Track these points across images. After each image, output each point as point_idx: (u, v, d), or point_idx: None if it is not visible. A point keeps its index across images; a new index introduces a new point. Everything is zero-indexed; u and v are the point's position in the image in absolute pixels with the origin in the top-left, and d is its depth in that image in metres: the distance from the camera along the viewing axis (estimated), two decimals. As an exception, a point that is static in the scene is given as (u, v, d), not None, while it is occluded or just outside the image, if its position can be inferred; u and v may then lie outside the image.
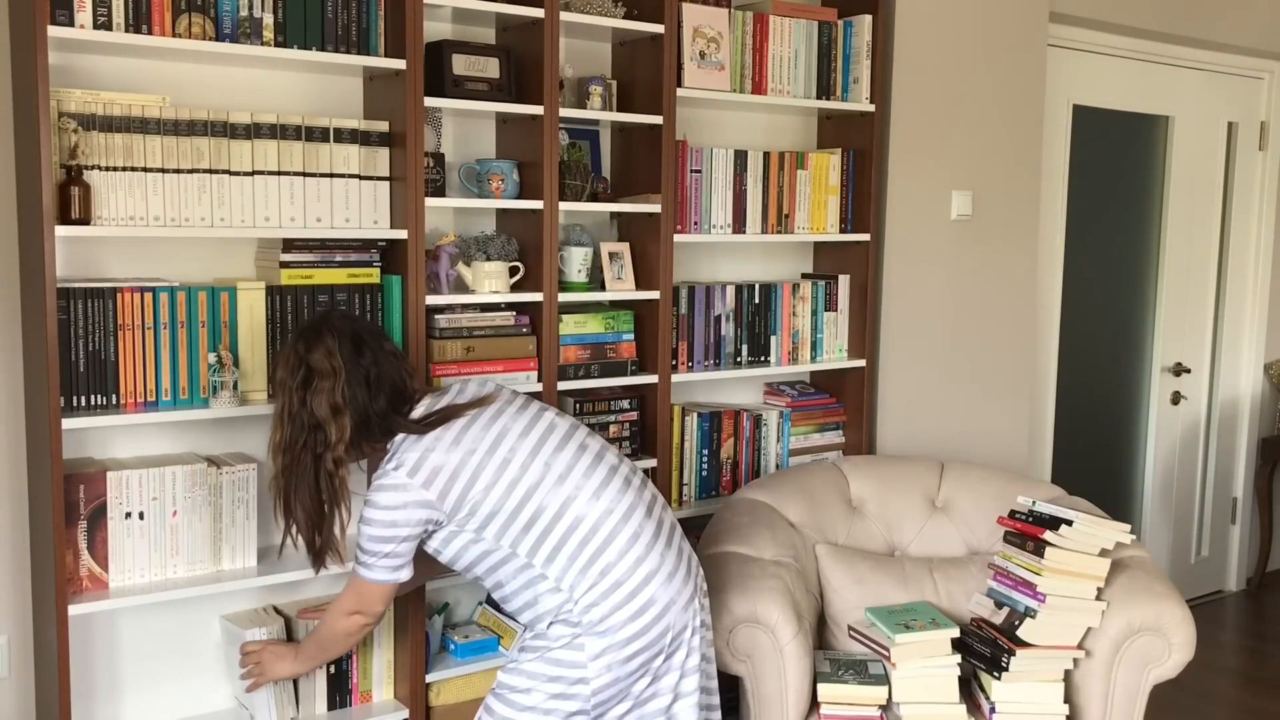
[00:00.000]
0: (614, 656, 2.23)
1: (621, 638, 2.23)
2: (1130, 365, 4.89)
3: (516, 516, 2.24)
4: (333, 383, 2.26)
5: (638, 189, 3.17)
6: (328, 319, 2.36)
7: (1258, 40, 4.83)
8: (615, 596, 2.23)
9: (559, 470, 2.28)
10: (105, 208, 2.44)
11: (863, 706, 2.67)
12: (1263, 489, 5.15)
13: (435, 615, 2.98)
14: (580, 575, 2.24)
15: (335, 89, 2.83)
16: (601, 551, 2.24)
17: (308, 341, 2.30)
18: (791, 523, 3.05)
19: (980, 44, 3.82)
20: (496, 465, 2.25)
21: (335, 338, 2.30)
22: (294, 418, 2.27)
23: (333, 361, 2.27)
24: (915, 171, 3.71)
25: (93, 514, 2.47)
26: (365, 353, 2.31)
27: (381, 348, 2.35)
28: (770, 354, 3.46)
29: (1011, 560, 2.79)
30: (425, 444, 2.25)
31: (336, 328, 2.32)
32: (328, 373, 2.26)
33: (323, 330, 2.31)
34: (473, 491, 2.24)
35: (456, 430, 2.28)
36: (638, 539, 2.27)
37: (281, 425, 2.29)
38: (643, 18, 3.07)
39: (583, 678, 2.23)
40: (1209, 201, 4.95)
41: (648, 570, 2.26)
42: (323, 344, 2.29)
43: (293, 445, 2.28)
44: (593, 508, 2.27)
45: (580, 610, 2.24)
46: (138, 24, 2.42)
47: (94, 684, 2.66)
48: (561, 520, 2.25)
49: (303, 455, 2.28)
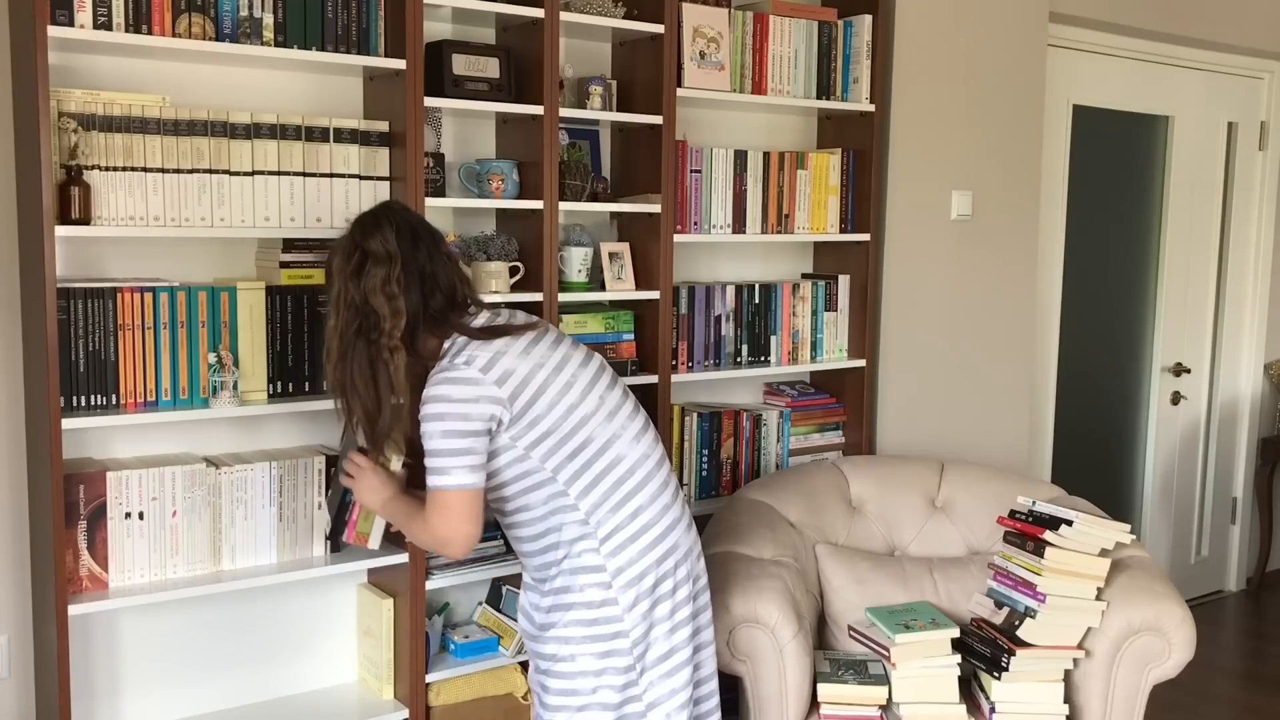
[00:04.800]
0: (645, 604, 2.27)
1: (649, 584, 2.27)
2: (1130, 365, 4.89)
3: (567, 441, 2.25)
4: (388, 269, 2.21)
5: (638, 189, 3.17)
6: (388, 209, 2.32)
7: (1258, 40, 4.82)
8: (643, 540, 2.27)
9: (610, 406, 2.31)
10: (105, 208, 2.44)
11: (863, 706, 2.67)
12: (1263, 489, 5.14)
13: (435, 615, 2.98)
14: (610, 513, 2.27)
15: (335, 89, 2.83)
16: (634, 493, 2.29)
17: (364, 228, 2.27)
18: (791, 523, 3.05)
19: (980, 44, 3.82)
20: (560, 386, 2.25)
21: (393, 227, 2.26)
22: (349, 303, 2.23)
23: (388, 248, 2.23)
24: (915, 171, 3.71)
25: (93, 514, 2.47)
26: (421, 247, 2.27)
27: (438, 247, 2.31)
28: (770, 354, 3.46)
29: (1011, 560, 2.79)
30: (496, 347, 2.23)
31: (396, 218, 2.28)
32: (383, 258, 2.22)
33: (381, 219, 2.27)
34: (537, 404, 2.23)
35: (525, 342, 2.26)
36: (666, 488, 2.34)
37: (337, 312, 2.26)
38: (643, 18, 3.07)
39: (620, 631, 2.26)
40: (1209, 201, 4.95)
41: (673, 518, 2.33)
42: (380, 232, 2.24)
43: (347, 331, 2.24)
44: (633, 450, 2.31)
45: (605, 551, 2.25)
46: (138, 24, 2.42)
47: (94, 684, 2.66)
48: (604, 455, 2.27)
49: (357, 342, 2.23)
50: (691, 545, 2.37)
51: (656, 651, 2.29)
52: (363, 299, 2.22)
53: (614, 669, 2.26)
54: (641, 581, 2.27)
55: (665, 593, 2.30)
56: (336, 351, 2.26)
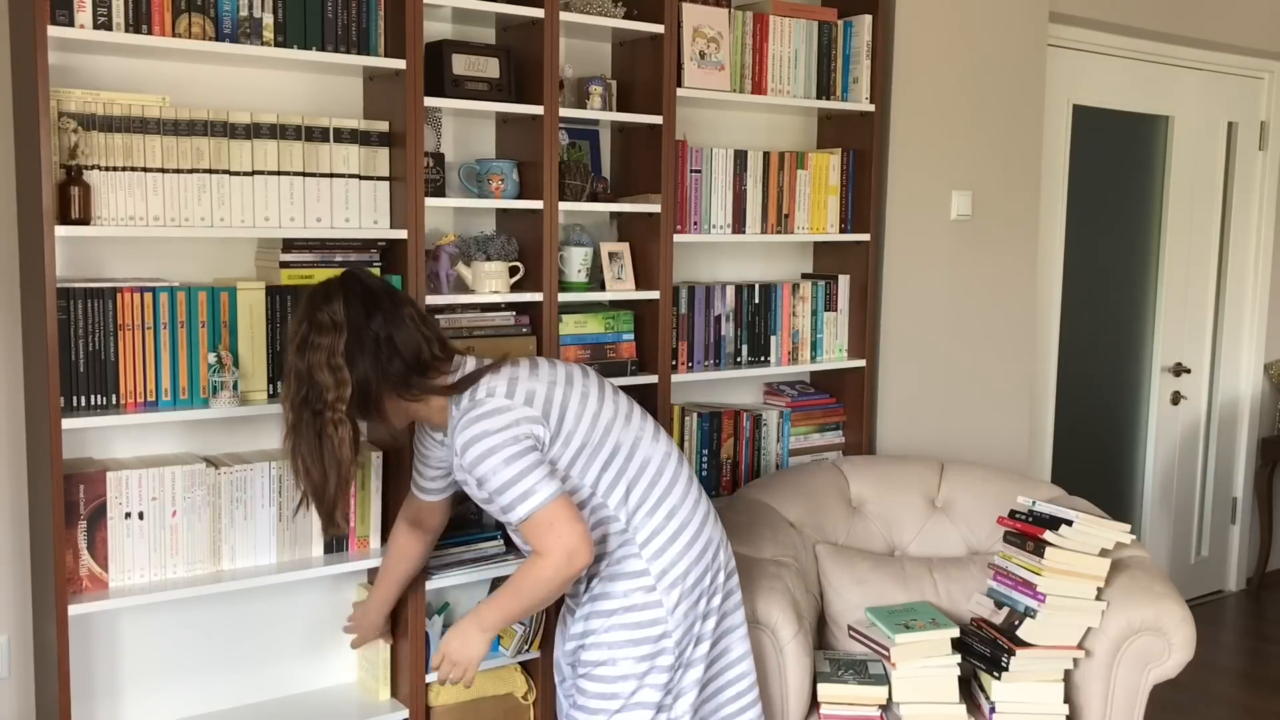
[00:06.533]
0: (687, 603, 2.30)
1: (691, 582, 2.30)
2: (1130, 365, 4.89)
3: (599, 452, 2.26)
4: (333, 340, 2.20)
5: (638, 189, 3.17)
6: (344, 278, 2.30)
7: (1258, 40, 4.82)
8: (681, 540, 2.30)
9: (623, 410, 2.33)
10: (105, 208, 2.44)
11: (863, 706, 2.68)
12: (1263, 489, 5.15)
13: (435, 615, 2.98)
14: (647, 517, 2.29)
15: (335, 89, 2.82)
16: (667, 494, 2.31)
17: (314, 300, 2.26)
18: (791, 523, 3.05)
19: (980, 44, 3.82)
20: (579, 397, 2.26)
21: (342, 298, 2.24)
22: (297, 374, 2.23)
23: (334, 319, 2.21)
24: (915, 171, 3.71)
25: (93, 514, 2.47)
26: (377, 315, 2.24)
27: (398, 310, 2.27)
28: (770, 354, 3.46)
29: (1011, 560, 2.79)
30: (507, 373, 2.24)
31: (348, 287, 2.27)
32: (328, 328, 2.21)
33: (332, 291, 2.26)
34: (567, 419, 2.24)
35: (527, 366, 2.27)
36: (691, 482, 2.37)
37: (287, 382, 2.27)
38: (643, 18, 3.06)
39: (665, 632, 2.28)
40: (1209, 201, 4.95)
41: (703, 512, 2.37)
42: (328, 304, 2.24)
43: (295, 400, 2.24)
44: (655, 450, 2.33)
45: (648, 555, 2.27)
46: (138, 24, 2.42)
47: (94, 684, 2.66)
48: (634, 460, 2.29)
49: (302, 412, 2.23)
50: (721, 536, 2.41)
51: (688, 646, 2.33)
52: (307, 370, 2.21)
53: (659, 668, 2.29)
54: (685, 581, 2.30)
55: (705, 589, 2.34)
56: (289, 422, 2.26)
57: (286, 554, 2.69)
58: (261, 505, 2.65)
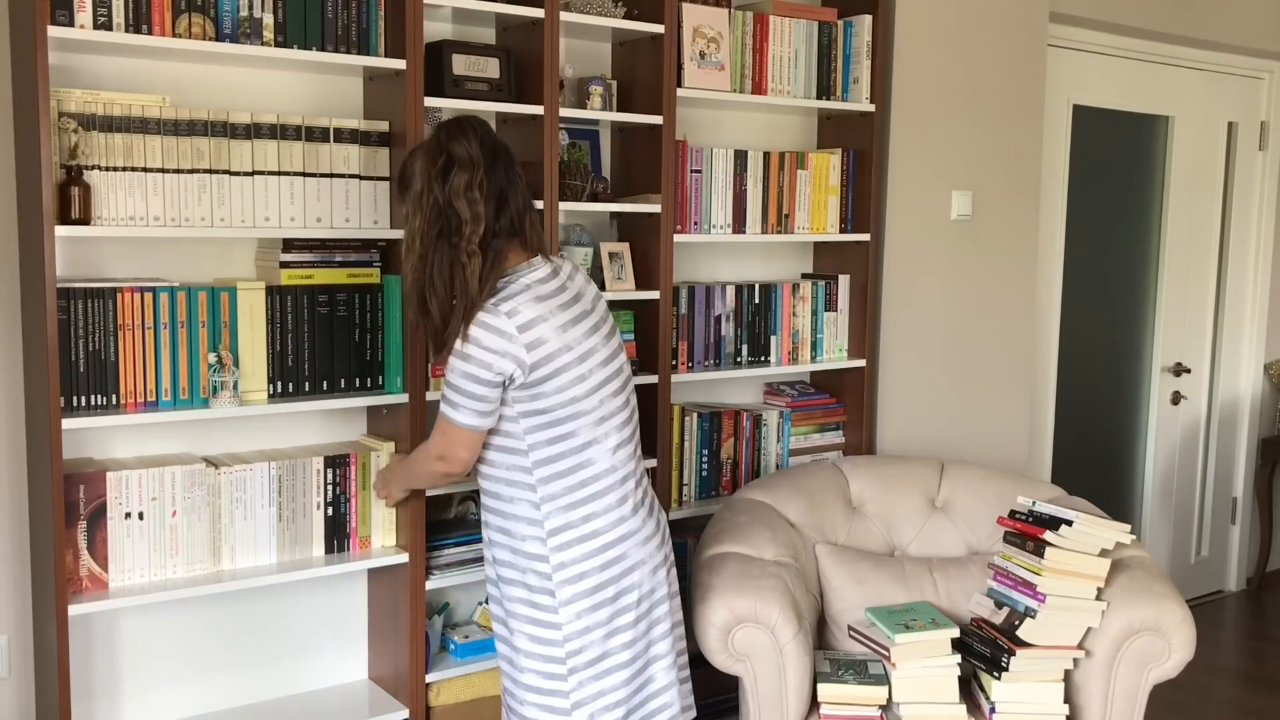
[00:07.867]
0: (582, 604, 2.30)
1: (589, 585, 2.31)
2: (1130, 365, 4.89)
3: (554, 427, 2.29)
4: (470, 175, 2.26)
5: (638, 189, 3.17)
6: (472, 119, 2.35)
7: (1258, 40, 4.82)
8: (591, 544, 2.31)
9: (605, 412, 2.34)
10: (105, 208, 2.44)
11: (863, 706, 2.67)
12: (1263, 489, 5.15)
13: (435, 615, 2.98)
14: (563, 512, 2.31)
15: (335, 89, 2.83)
16: (590, 500, 2.32)
17: (450, 133, 2.31)
18: (791, 523, 3.05)
19: (980, 44, 3.82)
20: (574, 377, 2.28)
21: (477, 136, 2.30)
22: (434, 205, 2.26)
23: (472, 154, 2.27)
24: (915, 171, 3.71)
25: (93, 514, 2.47)
26: (499, 166, 2.31)
27: (514, 168, 2.35)
28: (770, 354, 3.46)
29: (1011, 560, 2.79)
30: (540, 311, 2.26)
31: (480, 128, 2.33)
32: (467, 164, 2.26)
33: (466, 126, 2.32)
34: (548, 384, 2.26)
35: (566, 319, 2.29)
36: (625, 502, 2.36)
37: (420, 212, 2.28)
38: (643, 18, 3.07)
39: (555, 622, 2.31)
40: (1209, 201, 4.95)
41: (627, 530, 2.35)
42: (465, 138, 2.29)
43: (429, 233, 2.27)
44: (605, 460, 2.34)
45: (552, 545, 2.30)
46: (138, 24, 2.42)
47: (94, 684, 2.66)
48: (578, 455, 2.31)
49: (439, 244, 2.26)
50: (646, 559, 2.38)
51: (588, 655, 2.32)
52: (446, 201, 2.26)
53: (541, 656, 2.32)
54: (580, 582, 2.31)
55: (606, 599, 2.33)
56: (418, 252, 2.28)
57: (286, 554, 2.69)
58: (261, 505, 2.65)
